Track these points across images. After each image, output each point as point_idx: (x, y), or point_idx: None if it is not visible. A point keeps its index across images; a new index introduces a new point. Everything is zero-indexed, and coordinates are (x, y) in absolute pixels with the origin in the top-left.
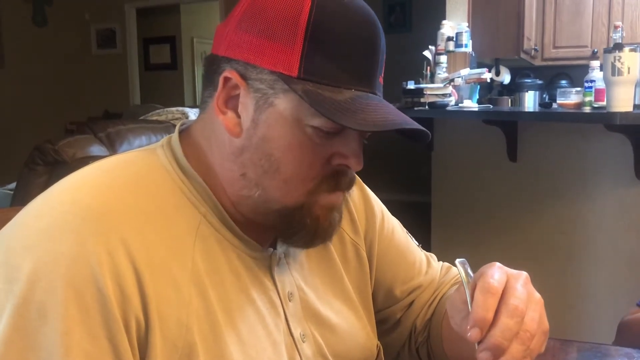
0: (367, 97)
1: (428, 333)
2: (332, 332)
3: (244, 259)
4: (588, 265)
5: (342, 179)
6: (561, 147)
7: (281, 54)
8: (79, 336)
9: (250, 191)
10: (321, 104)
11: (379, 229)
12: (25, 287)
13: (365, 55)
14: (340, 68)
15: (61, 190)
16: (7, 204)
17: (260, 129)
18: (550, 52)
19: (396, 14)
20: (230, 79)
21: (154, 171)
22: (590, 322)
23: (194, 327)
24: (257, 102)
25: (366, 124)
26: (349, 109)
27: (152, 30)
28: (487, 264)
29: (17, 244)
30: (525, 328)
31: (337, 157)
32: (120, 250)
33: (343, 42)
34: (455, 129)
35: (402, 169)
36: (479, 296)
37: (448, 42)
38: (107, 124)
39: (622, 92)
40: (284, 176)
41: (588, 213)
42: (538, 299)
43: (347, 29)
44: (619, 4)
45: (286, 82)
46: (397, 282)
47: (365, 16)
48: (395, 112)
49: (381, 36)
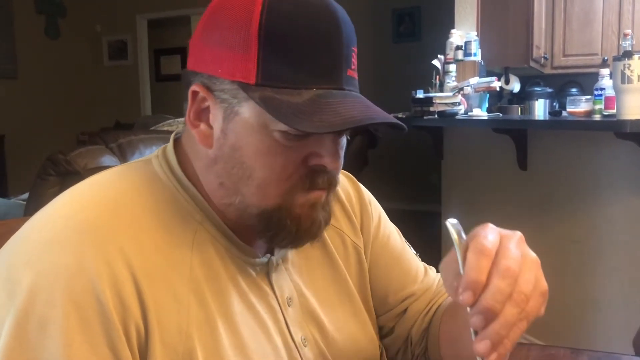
0: (329, 94)
1: (426, 345)
2: (334, 335)
3: (241, 266)
4: (600, 273)
5: (319, 178)
6: (571, 156)
7: (238, 62)
8: (80, 347)
9: (231, 199)
10: (278, 110)
11: (374, 233)
12: (26, 300)
13: (324, 52)
14: (297, 69)
15: (59, 205)
16: (21, 214)
17: (229, 138)
18: (560, 60)
19: (405, 23)
20: (197, 92)
21: (150, 182)
22: (603, 332)
23: (193, 334)
24: (225, 112)
25: (322, 126)
26: (306, 111)
27: (163, 42)
28: (480, 225)
29: (18, 259)
30: (520, 289)
31: (313, 157)
32: (118, 260)
33: (297, 41)
34: (465, 138)
35: (412, 178)
36: (471, 257)
37: (457, 51)
38: (118, 134)
39: (632, 100)
40: (257, 182)
41: (599, 221)
42: (534, 259)
43: (300, 27)
44: (629, 12)
45: (245, 90)
46: (390, 289)
47: (322, 11)
48: (360, 107)
49: (343, 28)
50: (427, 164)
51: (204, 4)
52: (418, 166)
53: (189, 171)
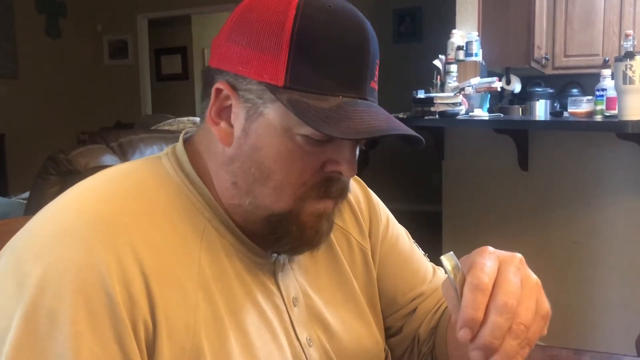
0: (354, 103)
1: (433, 343)
2: (339, 336)
3: (248, 264)
4: (600, 274)
5: (333, 186)
6: (572, 156)
7: (267, 64)
8: (89, 340)
9: (241, 199)
10: (305, 113)
11: (382, 235)
12: (35, 293)
13: (352, 62)
14: (325, 76)
15: (69, 198)
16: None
17: (250, 138)
18: (561, 61)
19: (406, 23)
20: (221, 90)
21: (159, 177)
22: (604, 332)
23: (201, 331)
24: (248, 112)
25: (350, 132)
26: (334, 117)
27: (163, 41)
28: (478, 248)
29: (26, 251)
30: (519, 321)
31: (330, 164)
32: (128, 256)
33: (328, 49)
34: (466, 138)
35: (413, 178)
36: (467, 294)
37: (458, 51)
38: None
39: (633, 101)
40: (274, 183)
41: (600, 222)
42: (534, 284)
43: (332, 36)
44: (630, 13)
45: (272, 91)
46: (399, 289)
47: (353, 22)
48: (384, 117)
49: (371, 41)
50: (428, 164)
51: (205, 4)
52: (419, 166)
53: (199, 169)
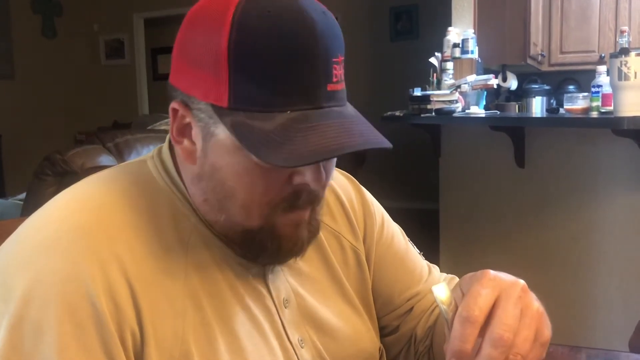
0: (304, 118)
1: (430, 341)
2: (332, 336)
3: (236, 268)
4: (598, 270)
5: (300, 199)
6: (569, 153)
7: (210, 83)
8: (75, 352)
9: (215, 216)
10: (248, 138)
11: (378, 235)
12: (20, 305)
13: (298, 69)
14: (269, 91)
15: (53, 208)
16: (18, 214)
17: (209, 157)
18: (557, 58)
19: (403, 21)
20: (177, 109)
21: (144, 183)
22: (601, 329)
23: (189, 338)
24: (202, 131)
25: (290, 158)
26: (276, 140)
27: (160, 41)
28: (479, 272)
29: (12, 263)
30: (516, 351)
31: (297, 176)
32: (113, 265)
33: (269, 61)
34: (462, 136)
35: (409, 176)
36: (456, 326)
37: (454, 48)
38: (115, 134)
39: (629, 97)
40: (240, 202)
41: (597, 218)
42: (534, 313)
43: (271, 45)
44: (625, 9)
45: (217, 113)
46: (395, 289)
47: (296, 25)
48: (337, 131)
49: (320, 40)
50: (425, 162)
51: None
52: (415, 164)
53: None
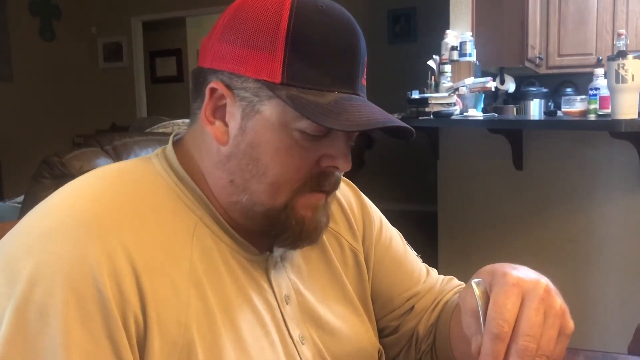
0: (350, 98)
1: (433, 339)
2: (331, 335)
3: (241, 261)
4: (596, 272)
5: (327, 180)
6: (567, 155)
7: (264, 62)
8: (80, 336)
9: (239, 197)
10: (305, 108)
11: (376, 238)
12: (26, 289)
13: (345, 60)
14: (321, 72)
15: (61, 197)
16: (15, 217)
17: (247, 135)
18: (555, 60)
19: (401, 24)
20: (216, 89)
21: (150, 177)
22: (599, 331)
23: (192, 327)
24: (244, 110)
25: (350, 124)
26: (333, 110)
27: (158, 44)
28: (499, 269)
29: (17, 249)
30: (541, 352)
31: (326, 159)
32: (119, 252)
33: (322, 47)
34: (460, 138)
35: (408, 178)
36: (487, 342)
37: (452, 51)
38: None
39: (626, 100)
40: (271, 179)
41: (595, 220)
42: (557, 311)
43: (326, 35)
44: (622, 12)
45: (270, 88)
46: (394, 291)
47: (344, 22)
48: (378, 111)
49: (360, 41)
50: (423, 164)
51: (199, 6)
52: (414, 166)
53: (189, 169)
